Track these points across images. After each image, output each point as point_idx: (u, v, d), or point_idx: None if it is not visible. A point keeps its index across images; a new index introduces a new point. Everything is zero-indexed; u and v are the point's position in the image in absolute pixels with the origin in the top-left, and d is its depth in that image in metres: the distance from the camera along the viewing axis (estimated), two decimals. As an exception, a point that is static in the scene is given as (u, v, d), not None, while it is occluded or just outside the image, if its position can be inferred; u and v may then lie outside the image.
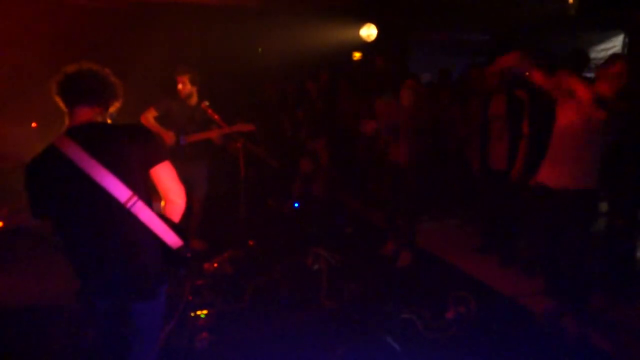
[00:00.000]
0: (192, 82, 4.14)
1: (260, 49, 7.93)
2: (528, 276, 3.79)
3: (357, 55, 8.04)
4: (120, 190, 1.82)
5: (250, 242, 4.31)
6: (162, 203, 2.04)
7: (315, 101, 5.81)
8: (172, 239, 1.94)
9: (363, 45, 7.63)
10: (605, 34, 6.89)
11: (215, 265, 3.98)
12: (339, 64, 7.49)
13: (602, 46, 6.91)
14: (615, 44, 6.79)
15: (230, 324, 3.16)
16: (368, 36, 7.43)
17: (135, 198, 1.84)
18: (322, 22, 7.19)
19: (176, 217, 2.02)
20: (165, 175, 1.96)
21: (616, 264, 3.54)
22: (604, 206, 3.68)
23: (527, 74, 2.88)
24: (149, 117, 4.10)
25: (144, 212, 1.87)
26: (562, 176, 2.81)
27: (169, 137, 4.11)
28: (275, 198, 6.14)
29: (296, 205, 5.96)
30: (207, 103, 4.14)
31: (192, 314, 3.18)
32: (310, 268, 4.02)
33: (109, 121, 1.98)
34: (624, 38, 6.61)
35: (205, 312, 3.20)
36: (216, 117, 4.09)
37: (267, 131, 7.35)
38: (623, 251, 3.54)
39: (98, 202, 1.83)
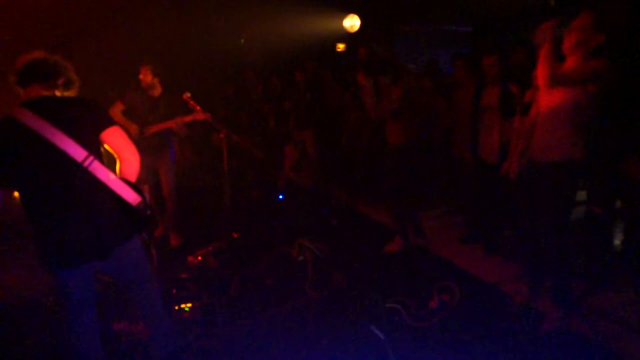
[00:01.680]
0: (154, 73, 4.20)
1: (242, 40, 7.85)
2: (511, 263, 3.85)
3: (340, 46, 8.02)
4: (76, 151, 1.98)
5: (235, 235, 4.28)
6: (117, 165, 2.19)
7: (303, 92, 5.78)
8: (130, 195, 2.12)
9: (347, 36, 7.61)
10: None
11: (200, 258, 3.95)
12: (323, 55, 7.46)
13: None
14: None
15: (215, 317, 3.15)
16: (351, 27, 7.41)
17: (91, 158, 2.01)
18: (306, 13, 7.14)
19: (132, 175, 2.20)
20: (116, 137, 2.14)
21: (595, 252, 3.61)
22: (582, 195, 3.75)
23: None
24: (116, 112, 4.16)
25: (100, 171, 2.04)
26: (546, 149, 2.81)
27: (133, 129, 4.16)
28: (260, 189, 6.11)
29: (280, 196, 5.95)
30: (189, 94, 4.07)
31: (177, 307, 3.16)
32: (295, 259, 4.02)
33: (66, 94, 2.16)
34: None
35: (189, 305, 3.18)
36: (197, 107, 4.04)
37: (250, 121, 7.30)
38: (601, 238, 3.62)
39: (57, 164, 1.98)
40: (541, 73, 2.66)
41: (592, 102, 2.67)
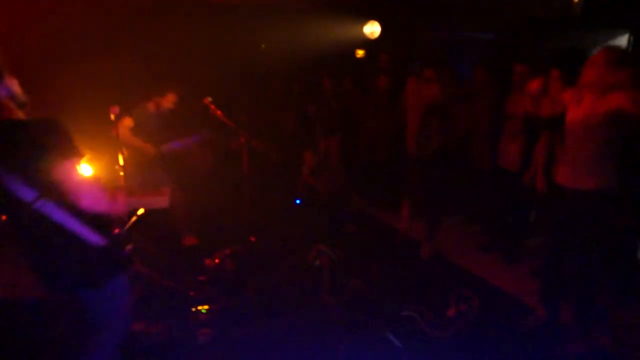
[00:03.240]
0: (176, 103, 4.13)
1: (263, 46, 7.92)
2: (532, 275, 3.77)
3: (360, 52, 8.02)
4: (25, 191, 1.75)
5: (252, 238, 4.30)
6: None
7: (330, 98, 5.83)
8: (94, 238, 1.89)
9: (367, 43, 7.62)
10: (611, 32, 6.86)
11: (217, 261, 3.98)
12: (343, 61, 7.47)
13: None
14: (621, 42, 6.76)
15: (232, 320, 3.16)
16: (372, 33, 7.41)
17: (43, 199, 1.78)
18: (326, 19, 7.18)
19: (96, 212, 1.90)
20: (72, 173, 1.82)
21: (620, 264, 3.52)
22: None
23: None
24: (125, 129, 3.89)
25: (56, 213, 1.80)
26: (579, 176, 2.70)
27: (148, 149, 4.06)
28: (278, 194, 6.13)
29: (298, 201, 5.96)
30: (209, 99, 4.13)
31: (194, 309, 3.18)
32: (312, 264, 4.02)
33: (20, 114, 1.84)
34: (629, 37, 6.58)
35: (206, 307, 3.20)
36: (219, 113, 4.08)
37: (270, 127, 7.35)
38: (625, 251, 3.52)
39: (9, 203, 1.79)
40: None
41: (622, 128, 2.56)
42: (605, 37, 6.84)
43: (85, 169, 2.62)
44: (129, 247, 2.05)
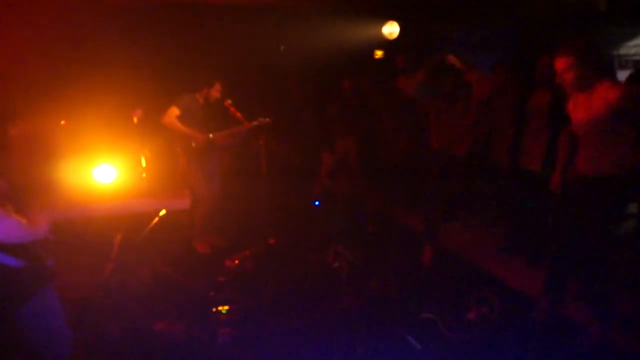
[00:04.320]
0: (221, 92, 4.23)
1: (282, 47, 7.96)
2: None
3: (378, 53, 7.99)
4: None
5: (271, 240, 4.33)
6: None
7: (349, 98, 5.85)
8: (11, 261, 1.93)
9: (385, 43, 7.58)
10: (637, 29, 6.67)
11: (237, 262, 4.02)
12: (361, 62, 7.45)
13: (634, 42, 6.68)
14: (647, 38, 6.58)
15: (251, 320, 3.19)
16: (390, 34, 7.37)
17: None
18: (344, 20, 7.17)
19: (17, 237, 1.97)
20: None
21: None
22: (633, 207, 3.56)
23: None
24: (172, 117, 4.05)
25: None
26: (591, 161, 2.70)
27: (198, 138, 4.12)
28: (297, 195, 6.15)
29: (317, 203, 5.97)
30: (229, 101, 4.18)
31: (214, 310, 3.22)
32: (330, 266, 4.02)
33: None
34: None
35: (226, 307, 3.24)
36: (238, 114, 4.13)
37: (289, 128, 7.38)
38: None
39: None
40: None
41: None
42: (631, 33, 6.66)
43: (110, 171, 2.64)
44: (49, 261, 2.09)
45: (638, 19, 6.37)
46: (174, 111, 4.05)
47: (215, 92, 4.20)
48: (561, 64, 2.65)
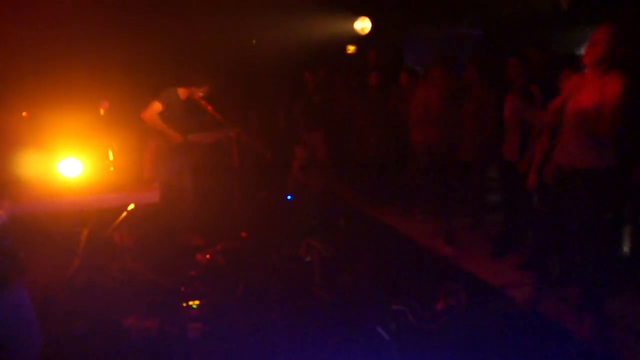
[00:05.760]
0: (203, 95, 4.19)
1: (254, 41, 7.90)
2: (521, 268, 3.82)
3: (351, 48, 8.03)
4: None
5: (243, 234, 4.32)
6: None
7: (312, 93, 5.83)
8: None
9: (357, 39, 7.63)
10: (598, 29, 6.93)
11: (208, 256, 3.99)
12: (333, 57, 7.48)
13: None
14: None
15: (223, 315, 3.18)
16: (362, 29, 7.42)
17: None
18: (317, 15, 7.17)
19: None
20: None
21: (604, 258, 3.57)
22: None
23: None
24: (153, 114, 3.93)
25: None
26: (574, 155, 2.70)
27: (174, 136, 4.05)
28: (269, 189, 6.14)
29: (289, 197, 5.97)
30: (201, 94, 4.13)
31: (185, 304, 3.19)
32: (302, 259, 4.04)
33: None
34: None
35: (197, 302, 3.21)
36: (209, 108, 4.09)
37: (261, 123, 7.34)
38: (610, 245, 3.57)
39: None
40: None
41: (616, 112, 2.54)
42: (592, 32, 6.91)
43: (75, 164, 2.56)
44: (19, 254, 2.03)
45: (598, 20, 6.63)
46: (157, 107, 3.93)
47: (201, 92, 4.16)
48: (604, 34, 2.59)
